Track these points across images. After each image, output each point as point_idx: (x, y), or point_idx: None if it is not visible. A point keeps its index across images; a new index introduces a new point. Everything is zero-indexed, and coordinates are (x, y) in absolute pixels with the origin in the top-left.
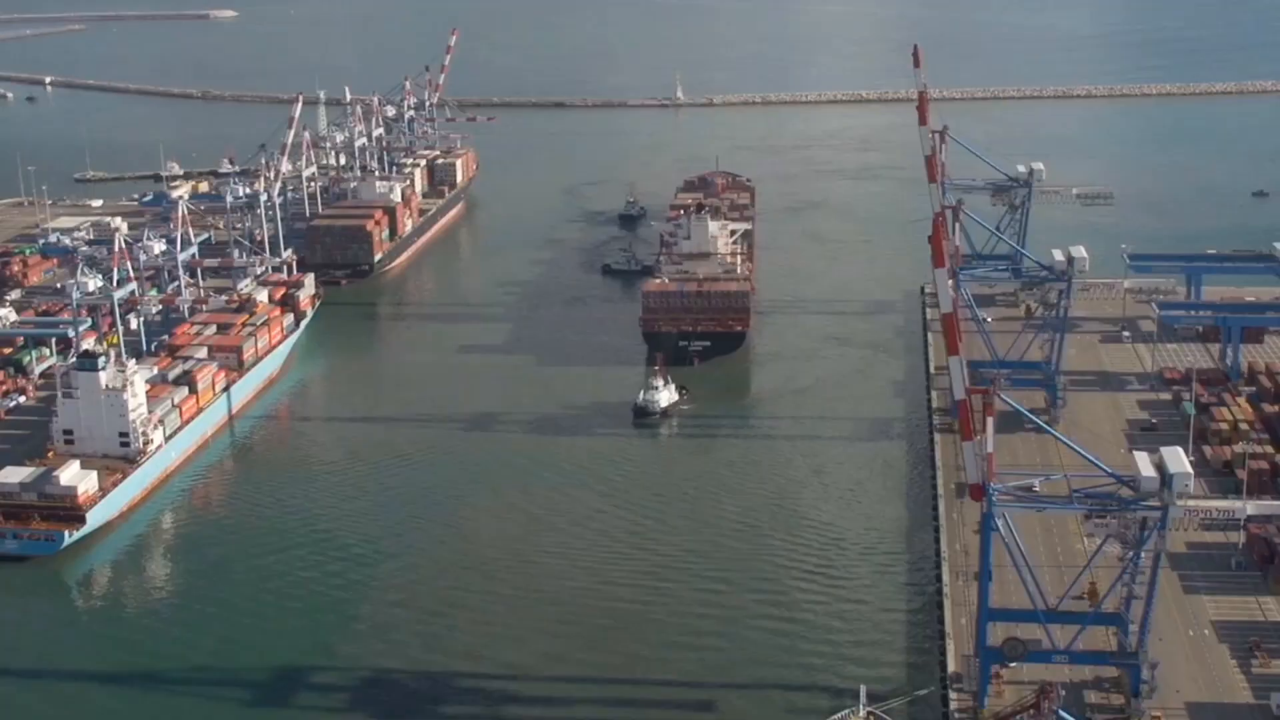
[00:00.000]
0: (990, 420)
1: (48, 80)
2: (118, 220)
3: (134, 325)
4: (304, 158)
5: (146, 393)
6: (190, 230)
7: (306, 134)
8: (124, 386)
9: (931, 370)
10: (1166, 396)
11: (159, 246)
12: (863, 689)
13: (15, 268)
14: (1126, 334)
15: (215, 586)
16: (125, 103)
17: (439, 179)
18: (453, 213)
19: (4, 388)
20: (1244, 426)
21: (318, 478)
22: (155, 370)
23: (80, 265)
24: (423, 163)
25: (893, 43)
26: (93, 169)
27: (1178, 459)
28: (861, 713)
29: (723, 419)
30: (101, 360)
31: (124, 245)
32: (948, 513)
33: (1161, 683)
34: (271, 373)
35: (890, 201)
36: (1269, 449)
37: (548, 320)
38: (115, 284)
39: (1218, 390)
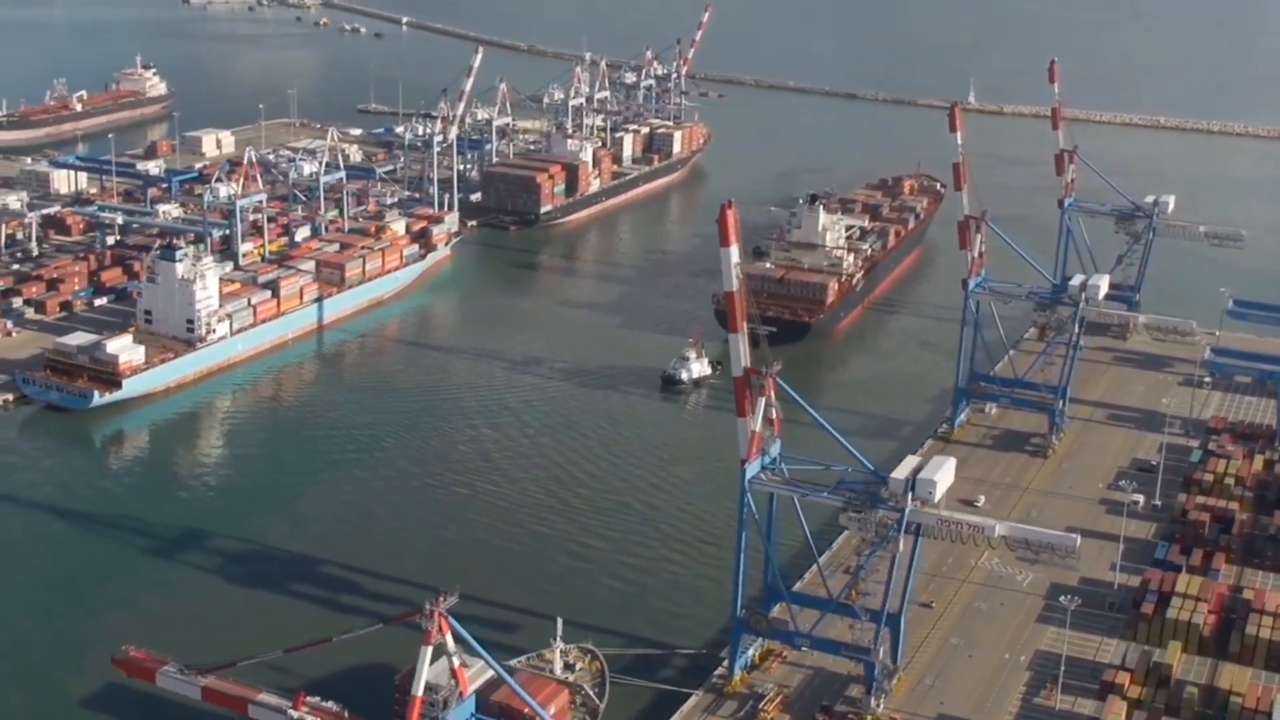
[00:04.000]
0: (763, 400)
1: (404, 20)
2: (353, 147)
3: (298, 237)
4: (497, 107)
5: (226, 290)
6: (340, 158)
7: (503, 85)
8: (195, 279)
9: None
10: (1196, 444)
11: (309, 168)
12: (559, 621)
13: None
14: (1208, 380)
15: (228, 461)
16: (458, 47)
17: (655, 147)
18: (665, 180)
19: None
20: (1229, 482)
21: (368, 389)
22: (230, 269)
23: (217, 173)
24: (644, 130)
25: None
26: (375, 102)
27: (940, 470)
28: (559, 645)
29: None
30: (180, 253)
31: (252, 160)
32: None
33: (932, 691)
34: (381, 294)
35: (1087, 225)
36: (1234, 505)
37: (663, 287)
38: (240, 194)
39: (1248, 445)
